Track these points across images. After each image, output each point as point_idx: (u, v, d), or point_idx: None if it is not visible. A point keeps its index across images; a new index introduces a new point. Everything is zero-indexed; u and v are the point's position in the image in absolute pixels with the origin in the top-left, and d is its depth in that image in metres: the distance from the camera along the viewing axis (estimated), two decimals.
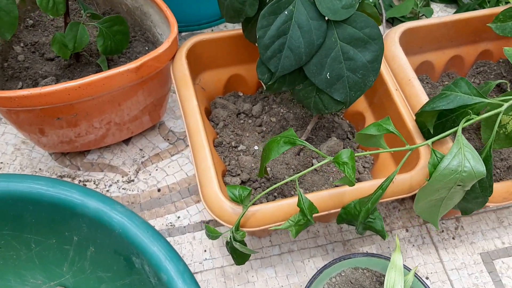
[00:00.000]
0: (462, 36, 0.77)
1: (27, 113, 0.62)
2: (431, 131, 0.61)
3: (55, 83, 0.69)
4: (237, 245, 0.53)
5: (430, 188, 0.50)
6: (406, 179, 0.59)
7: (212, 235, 0.55)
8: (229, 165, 0.67)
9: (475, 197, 0.57)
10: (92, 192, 0.59)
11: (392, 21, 1.02)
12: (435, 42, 0.77)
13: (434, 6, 1.07)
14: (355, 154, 0.51)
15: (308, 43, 0.52)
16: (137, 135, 0.83)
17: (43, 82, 0.69)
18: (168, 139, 0.84)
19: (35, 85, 0.70)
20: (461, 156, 0.49)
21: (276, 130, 0.72)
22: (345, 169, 0.48)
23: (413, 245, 0.76)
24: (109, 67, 0.71)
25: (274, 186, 0.52)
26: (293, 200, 0.56)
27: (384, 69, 0.68)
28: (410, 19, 1.01)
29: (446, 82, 0.81)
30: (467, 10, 1.00)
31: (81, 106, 0.64)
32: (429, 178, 0.50)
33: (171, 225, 0.75)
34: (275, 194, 0.66)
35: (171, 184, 0.79)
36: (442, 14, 1.05)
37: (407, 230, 0.78)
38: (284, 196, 0.65)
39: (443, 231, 0.78)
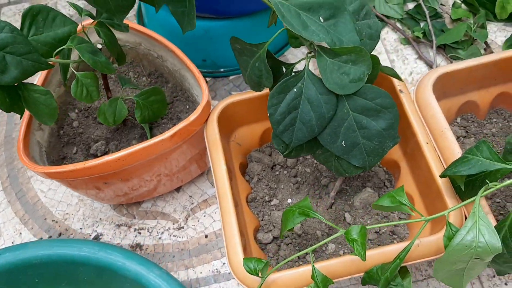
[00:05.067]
0: (506, 74, 0.73)
1: (77, 180, 0.69)
2: (462, 188, 0.59)
3: (105, 147, 0.76)
4: None
5: (446, 260, 0.50)
6: (433, 241, 0.58)
7: None
8: (262, 220, 0.70)
9: (505, 262, 0.55)
10: (133, 255, 0.65)
11: (444, 47, 0.98)
12: (477, 82, 0.74)
13: (492, 25, 1.01)
14: (368, 227, 0.51)
15: (319, 116, 0.54)
16: (187, 182, 0.88)
17: (94, 146, 0.76)
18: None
19: (88, 149, 0.77)
20: (476, 230, 0.48)
21: (310, 181, 0.73)
22: (354, 246, 0.49)
23: None
24: (151, 129, 0.77)
25: (288, 259, 0.54)
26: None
27: (415, 119, 0.66)
28: (464, 43, 0.97)
29: (495, 120, 0.78)
30: None
31: (125, 172, 0.70)
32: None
33: (217, 272, 0.79)
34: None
35: (217, 230, 0.84)
36: (500, 34, 1.00)
37: None
38: (315, 251, 0.67)
39: (494, 276, 0.74)
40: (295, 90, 0.53)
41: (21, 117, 0.58)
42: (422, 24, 1.02)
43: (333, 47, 0.50)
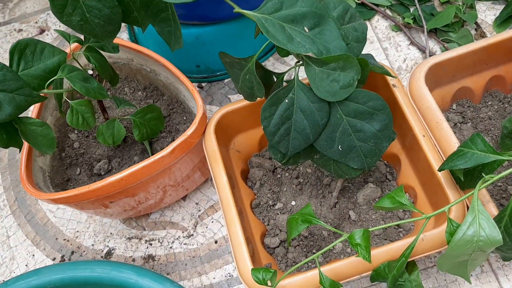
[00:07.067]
0: (497, 58, 0.73)
1: (84, 202, 0.70)
2: (462, 178, 0.60)
3: (108, 165, 0.77)
4: None
5: (450, 254, 0.50)
6: (436, 235, 0.59)
7: None
8: (268, 224, 0.71)
9: (508, 249, 0.56)
10: (145, 271, 0.66)
11: (436, 31, 0.98)
12: (468, 69, 0.74)
13: (481, 5, 1.01)
14: (371, 229, 0.52)
15: (312, 124, 0.54)
16: (192, 190, 0.89)
17: (97, 165, 0.77)
18: None
19: (91, 168, 0.78)
20: (476, 225, 0.48)
21: (312, 182, 0.74)
22: (359, 250, 0.50)
23: (471, 275, 0.75)
24: (151, 143, 0.78)
25: (295, 266, 0.55)
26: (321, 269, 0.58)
27: (410, 113, 0.67)
28: (454, 25, 0.97)
29: (490, 103, 0.78)
30: None
31: (130, 189, 0.70)
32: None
33: (230, 276, 0.81)
34: (314, 251, 0.68)
35: (226, 235, 0.85)
36: (489, 13, 0.99)
37: None
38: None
39: None
40: (286, 101, 0.54)
41: (19, 151, 0.59)
42: (411, 9, 1.01)
43: (320, 57, 0.50)
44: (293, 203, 0.73)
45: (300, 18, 0.51)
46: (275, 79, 0.60)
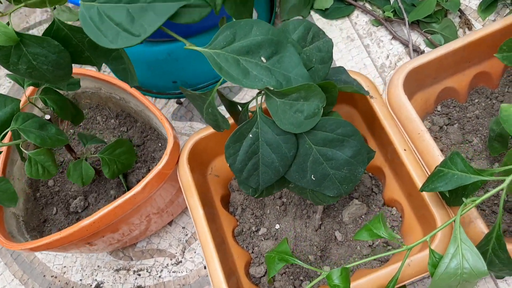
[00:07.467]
0: (479, 54, 0.69)
1: (62, 246, 0.68)
2: (447, 195, 0.56)
3: (84, 202, 0.75)
4: None
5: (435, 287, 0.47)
6: (423, 258, 0.56)
7: None
8: (252, 252, 0.68)
9: (500, 269, 0.52)
10: None
11: (418, 23, 0.94)
12: (450, 69, 0.70)
13: None
14: (349, 266, 0.49)
15: (281, 157, 0.51)
16: (178, 214, 0.86)
17: (73, 203, 0.74)
18: None
19: (68, 207, 0.75)
20: (459, 256, 0.45)
21: (295, 201, 0.71)
22: None
23: None
24: (127, 175, 0.75)
25: None
26: None
27: (390, 125, 0.63)
28: (437, 14, 0.92)
29: (477, 100, 0.74)
30: None
31: (109, 227, 0.68)
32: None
33: None
34: (301, 278, 0.65)
35: None
36: None
37: None
38: (310, 277, 0.65)
39: None
40: (250, 135, 0.51)
41: None
42: (392, 1, 0.97)
43: (279, 89, 0.47)
44: (277, 226, 0.70)
45: (256, 48, 0.47)
46: (241, 108, 0.57)
